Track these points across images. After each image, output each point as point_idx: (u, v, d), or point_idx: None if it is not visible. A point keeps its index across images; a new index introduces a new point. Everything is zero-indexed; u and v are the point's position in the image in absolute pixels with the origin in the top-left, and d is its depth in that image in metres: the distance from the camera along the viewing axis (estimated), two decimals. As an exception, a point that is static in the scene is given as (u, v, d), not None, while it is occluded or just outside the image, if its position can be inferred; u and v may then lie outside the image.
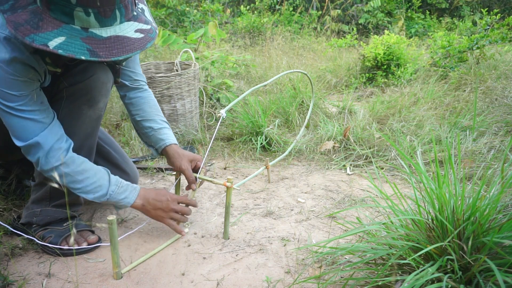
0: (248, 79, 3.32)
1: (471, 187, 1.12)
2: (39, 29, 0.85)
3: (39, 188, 1.22)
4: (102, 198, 1.14)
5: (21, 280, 1.07)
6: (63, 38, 0.86)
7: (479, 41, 3.21)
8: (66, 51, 0.85)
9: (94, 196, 1.13)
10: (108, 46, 0.89)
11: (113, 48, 0.89)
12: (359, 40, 5.68)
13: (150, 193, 1.22)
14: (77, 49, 0.86)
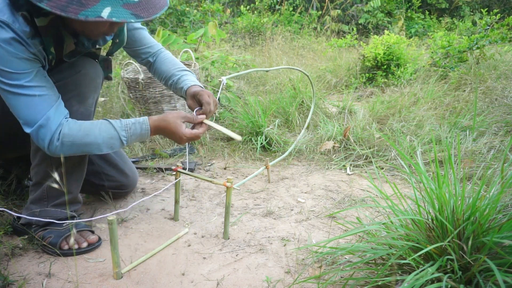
0: (248, 79, 3.32)
1: (471, 187, 1.12)
2: (85, 6, 0.92)
3: (37, 188, 1.22)
4: (122, 146, 1.16)
5: (21, 280, 1.07)
6: (109, 8, 0.94)
7: (479, 41, 3.21)
8: (119, 18, 0.94)
9: (112, 148, 1.14)
10: (143, 8, 0.98)
11: (148, 8, 0.99)
12: (359, 40, 5.68)
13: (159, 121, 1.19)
14: (125, 15, 0.96)
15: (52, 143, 1.07)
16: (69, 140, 1.08)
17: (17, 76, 1.02)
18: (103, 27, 1.07)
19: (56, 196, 1.22)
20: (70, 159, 1.20)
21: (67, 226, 1.23)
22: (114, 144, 1.14)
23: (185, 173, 1.37)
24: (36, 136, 1.07)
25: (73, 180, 1.25)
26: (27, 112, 1.05)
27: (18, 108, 1.05)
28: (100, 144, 1.12)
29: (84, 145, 1.10)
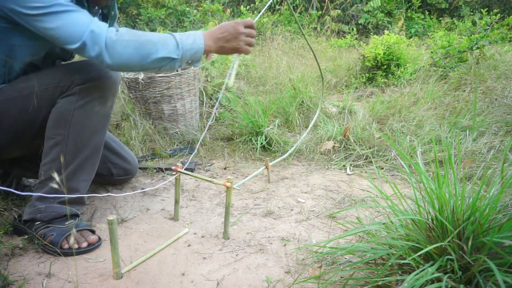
0: (248, 79, 3.32)
1: (471, 187, 1.12)
2: None
3: (44, 185, 1.23)
4: (177, 50, 1.12)
5: (21, 280, 1.07)
6: None
7: (479, 41, 3.21)
8: None
9: (168, 50, 1.11)
10: None
11: None
12: (359, 40, 5.68)
13: (211, 30, 1.18)
14: None
15: (110, 39, 1.06)
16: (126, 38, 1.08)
17: None
18: None
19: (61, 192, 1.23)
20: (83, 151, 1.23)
21: (69, 224, 1.24)
22: (169, 44, 1.11)
23: (185, 173, 1.37)
24: (90, 42, 1.06)
25: (83, 179, 1.27)
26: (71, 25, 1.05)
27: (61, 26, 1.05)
28: (156, 43, 1.10)
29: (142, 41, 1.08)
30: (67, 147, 1.20)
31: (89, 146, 1.25)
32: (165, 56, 1.12)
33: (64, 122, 1.19)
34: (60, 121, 1.19)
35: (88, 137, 1.24)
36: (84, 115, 1.20)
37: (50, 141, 1.21)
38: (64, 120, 1.19)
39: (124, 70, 1.15)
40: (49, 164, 1.21)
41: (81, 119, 1.20)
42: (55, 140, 1.20)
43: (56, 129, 1.20)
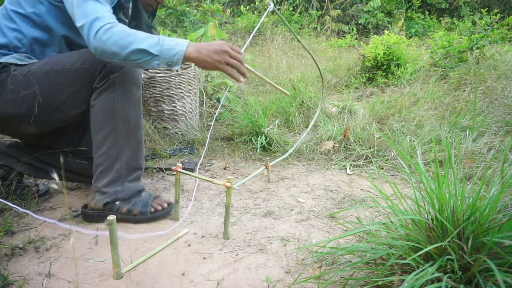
0: (248, 79, 3.32)
1: (471, 187, 1.12)
2: None
3: (107, 172, 1.34)
4: (156, 46, 1.15)
5: (21, 280, 1.07)
6: None
7: (479, 41, 3.21)
8: None
9: (148, 44, 1.15)
10: None
11: None
12: (359, 40, 5.68)
13: (200, 43, 1.23)
14: None
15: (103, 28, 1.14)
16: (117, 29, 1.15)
17: None
18: None
19: (127, 174, 1.36)
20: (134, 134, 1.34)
21: (145, 195, 1.41)
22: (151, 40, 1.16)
23: (185, 173, 1.37)
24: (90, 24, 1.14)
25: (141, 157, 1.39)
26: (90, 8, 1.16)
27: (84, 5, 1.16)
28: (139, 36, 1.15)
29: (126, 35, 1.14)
30: (119, 135, 1.31)
31: (137, 128, 1.35)
32: (143, 48, 1.14)
33: (111, 111, 1.28)
34: (106, 112, 1.28)
35: (134, 120, 1.34)
36: (127, 101, 1.29)
37: (100, 132, 1.30)
38: (110, 110, 1.28)
39: (105, 57, 1.17)
40: (106, 153, 1.32)
41: (125, 105, 1.29)
42: (106, 131, 1.30)
43: (105, 120, 1.29)
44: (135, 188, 1.39)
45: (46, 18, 1.28)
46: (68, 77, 1.26)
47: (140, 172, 1.41)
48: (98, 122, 1.30)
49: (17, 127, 1.36)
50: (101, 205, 1.37)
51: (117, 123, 1.30)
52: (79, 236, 1.32)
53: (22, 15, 1.27)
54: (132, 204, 1.38)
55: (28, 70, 1.25)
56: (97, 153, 1.34)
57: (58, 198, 1.60)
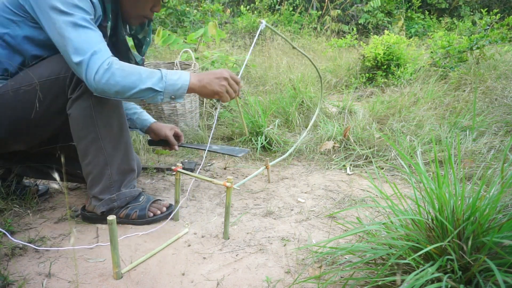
0: (248, 79, 3.32)
1: (471, 187, 1.12)
2: None
3: (99, 179, 1.31)
4: (160, 83, 1.17)
5: (21, 280, 1.07)
6: None
7: (479, 41, 3.21)
8: None
9: (152, 82, 1.16)
10: None
11: None
12: (359, 40, 5.68)
13: (201, 73, 1.26)
14: None
15: (102, 67, 1.11)
16: (116, 67, 1.13)
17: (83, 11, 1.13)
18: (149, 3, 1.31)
19: (120, 179, 1.34)
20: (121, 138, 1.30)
21: (143, 200, 1.41)
22: (154, 77, 1.17)
23: (185, 173, 1.37)
24: (88, 63, 1.11)
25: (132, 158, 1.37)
26: (83, 41, 1.11)
27: (75, 37, 1.11)
28: (141, 74, 1.15)
29: (128, 73, 1.14)
30: (103, 142, 1.27)
31: (121, 131, 1.31)
32: (148, 87, 1.16)
33: (90, 119, 1.23)
34: (85, 120, 1.23)
35: (117, 124, 1.29)
36: (104, 105, 1.24)
37: (83, 141, 1.26)
38: (89, 117, 1.23)
39: (106, 96, 1.16)
40: (93, 162, 1.29)
41: (103, 110, 1.24)
42: (88, 139, 1.26)
43: (85, 129, 1.24)
44: (131, 194, 1.38)
45: (20, 41, 1.21)
46: (37, 93, 1.21)
47: (133, 174, 1.39)
48: (78, 131, 1.25)
49: (6, 148, 1.35)
50: (98, 213, 1.35)
51: (99, 130, 1.25)
52: (79, 236, 1.32)
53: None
54: (130, 209, 1.38)
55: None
56: (84, 162, 1.30)
57: (58, 198, 1.60)
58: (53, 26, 1.12)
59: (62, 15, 1.10)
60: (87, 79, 1.12)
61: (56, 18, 1.11)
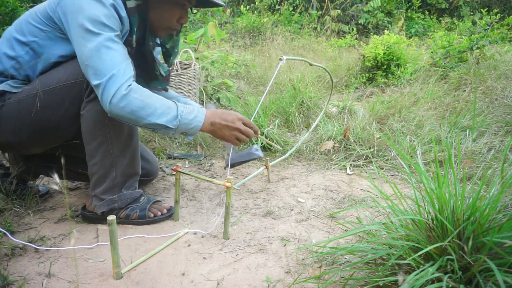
0: (248, 79, 3.32)
1: (471, 187, 1.12)
2: None
3: (103, 180, 1.33)
4: (174, 121, 1.19)
5: (21, 280, 1.07)
6: None
7: (479, 41, 3.21)
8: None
9: (166, 119, 1.18)
10: None
11: None
12: (359, 40, 5.68)
13: (216, 112, 1.27)
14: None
15: (119, 93, 1.12)
16: (134, 96, 1.14)
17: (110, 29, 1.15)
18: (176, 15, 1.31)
19: (123, 181, 1.36)
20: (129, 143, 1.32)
21: (143, 200, 1.41)
22: (169, 115, 1.18)
23: (185, 173, 1.37)
24: (105, 86, 1.12)
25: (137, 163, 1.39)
26: (103, 63, 1.12)
27: (96, 59, 1.12)
28: (157, 108, 1.17)
29: (144, 105, 1.15)
30: (112, 144, 1.29)
31: (131, 136, 1.33)
32: (161, 123, 1.18)
33: (101, 122, 1.25)
34: (96, 123, 1.25)
35: (127, 129, 1.31)
36: None
37: (92, 142, 1.28)
38: (100, 121, 1.25)
39: (118, 119, 1.19)
40: (100, 163, 1.30)
41: None
42: (97, 141, 1.27)
43: (97, 131, 1.26)
44: (132, 196, 1.39)
45: (47, 50, 1.24)
46: (56, 97, 1.23)
47: (136, 177, 1.41)
48: (89, 133, 1.27)
49: (25, 151, 1.39)
50: (98, 213, 1.36)
51: (109, 133, 1.27)
52: (79, 236, 1.32)
53: (23, 43, 1.24)
54: (130, 210, 1.39)
55: (18, 98, 1.24)
56: (91, 162, 1.32)
57: (58, 198, 1.60)
58: (78, 43, 1.15)
59: (88, 34, 1.13)
60: (103, 101, 1.14)
61: (82, 37, 1.13)
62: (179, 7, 1.31)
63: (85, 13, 1.12)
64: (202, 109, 1.26)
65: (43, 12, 1.22)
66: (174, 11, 1.31)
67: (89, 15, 1.12)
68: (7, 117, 1.25)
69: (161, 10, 1.30)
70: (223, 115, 1.27)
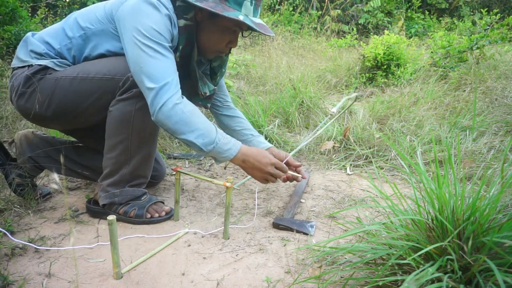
0: (248, 79, 3.32)
1: (471, 187, 1.12)
2: (226, 10, 1.22)
3: (114, 173, 1.37)
4: (210, 145, 1.24)
5: (21, 280, 1.07)
6: (242, 16, 1.24)
7: (479, 41, 3.21)
8: (251, 23, 1.24)
9: (203, 141, 1.23)
10: (261, 27, 1.27)
11: (265, 28, 1.29)
12: (359, 40, 5.68)
13: (251, 151, 1.32)
14: (252, 24, 1.24)
15: (171, 102, 1.18)
16: (183, 109, 1.20)
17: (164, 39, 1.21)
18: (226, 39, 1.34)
19: (130, 179, 1.39)
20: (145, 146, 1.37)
21: (144, 199, 1.43)
22: (206, 139, 1.23)
23: (185, 173, 1.37)
24: (158, 91, 1.18)
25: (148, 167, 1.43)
26: (159, 69, 1.19)
27: (152, 64, 1.18)
28: (199, 129, 1.22)
29: (188, 121, 1.21)
30: (131, 144, 1.33)
31: (151, 142, 1.38)
32: (196, 143, 1.23)
33: (127, 122, 1.30)
34: (123, 122, 1.30)
35: (149, 133, 1.35)
36: (143, 114, 1.29)
37: (114, 138, 1.33)
38: (126, 121, 1.29)
39: (159, 125, 1.25)
40: (116, 158, 1.35)
41: (141, 117, 1.30)
42: (119, 138, 1.32)
43: (120, 129, 1.31)
44: (133, 194, 1.41)
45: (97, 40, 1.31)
46: (91, 85, 1.29)
47: (143, 180, 1.43)
48: (113, 129, 1.32)
49: (44, 124, 1.44)
50: (100, 204, 1.40)
51: (131, 134, 1.32)
52: (79, 236, 1.32)
53: (80, 27, 1.32)
54: (129, 207, 1.40)
55: (57, 76, 1.30)
56: (107, 155, 1.37)
57: (58, 198, 1.60)
58: (132, 46, 1.20)
59: (145, 39, 1.18)
60: (153, 106, 1.19)
61: (137, 40, 1.18)
62: (230, 32, 1.34)
63: (143, 19, 1.19)
64: (238, 143, 1.31)
65: (108, 8, 1.30)
66: (224, 36, 1.34)
67: (146, 21, 1.18)
68: (42, 89, 1.31)
69: (212, 34, 1.34)
70: (258, 156, 1.32)
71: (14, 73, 1.36)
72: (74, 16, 1.36)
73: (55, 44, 1.34)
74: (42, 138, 1.52)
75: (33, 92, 1.32)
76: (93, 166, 1.53)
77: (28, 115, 1.37)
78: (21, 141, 1.51)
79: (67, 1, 6.07)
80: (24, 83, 1.31)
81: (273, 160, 1.34)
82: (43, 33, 1.37)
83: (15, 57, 1.38)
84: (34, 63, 1.32)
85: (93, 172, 1.53)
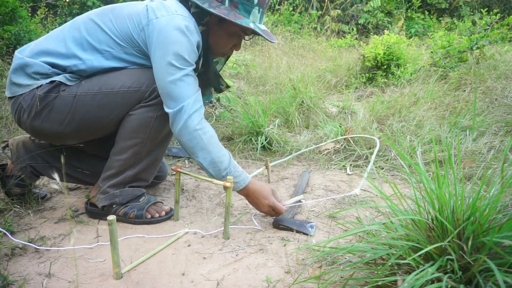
0: (248, 79, 3.32)
1: (471, 187, 1.12)
2: (238, 18, 1.27)
3: (118, 175, 1.38)
4: (219, 174, 1.31)
5: (21, 280, 1.07)
6: (252, 24, 1.29)
7: (479, 41, 3.21)
8: (259, 31, 1.30)
9: (213, 169, 1.30)
10: (267, 34, 1.34)
11: (270, 36, 1.36)
12: (359, 40, 5.68)
13: (255, 189, 1.37)
14: (260, 32, 1.31)
15: (191, 122, 1.26)
16: (201, 136, 1.27)
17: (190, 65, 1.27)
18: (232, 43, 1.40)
19: (131, 181, 1.40)
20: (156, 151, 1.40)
21: (143, 200, 1.43)
22: (217, 167, 1.30)
23: (185, 173, 1.37)
24: (175, 115, 1.26)
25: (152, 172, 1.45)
26: (179, 93, 1.25)
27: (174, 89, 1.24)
28: (213, 158, 1.29)
29: (204, 148, 1.28)
30: (144, 148, 1.36)
31: (161, 147, 1.42)
32: (207, 169, 1.31)
33: (145, 127, 1.32)
34: (141, 126, 1.32)
35: (162, 139, 1.40)
36: (163, 122, 1.33)
37: (128, 141, 1.34)
38: (145, 126, 1.32)
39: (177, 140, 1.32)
40: (124, 160, 1.36)
41: (160, 125, 1.34)
42: (133, 141, 1.34)
43: (137, 133, 1.33)
44: (133, 193, 1.41)
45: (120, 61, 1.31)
46: (115, 99, 1.29)
47: (144, 183, 1.44)
48: (129, 132, 1.33)
49: (61, 141, 1.42)
50: (99, 206, 1.40)
51: (146, 139, 1.34)
52: (79, 236, 1.32)
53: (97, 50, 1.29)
54: (128, 208, 1.40)
55: (75, 92, 1.28)
56: (116, 157, 1.36)
57: (58, 198, 1.60)
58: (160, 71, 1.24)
59: (171, 68, 1.23)
60: (173, 126, 1.28)
61: (165, 69, 1.23)
62: (236, 37, 1.39)
63: (173, 48, 1.22)
64: (248, 178, 1.36)
65: (123, 30, 1.28)
66: (231, 40, 1.39)
67: (176, 50, 1.22)
68: (59, 107, 1.28)
69: (220, 38, 1.38)
70: (259, 195, 1.37)
71: (16, 97, 1.30)
72: (81, 35, 1.29)
73: (62, 62, 1.29)
74: (40, 145, 1.50)
75: (50, 112, 1.28)
76: (93, 171, 1.51)
77: (41, 134, 1.35)
78: (18, 146, 1.48)
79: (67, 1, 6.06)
80: (38, 103, 1.27)
81: (271, 202, 1.37)
82: (40, 51, 1.29)
83: (11, 84, 1.30)
84: (43, 83, 1.27)
85: (93, 177, 1.52)
